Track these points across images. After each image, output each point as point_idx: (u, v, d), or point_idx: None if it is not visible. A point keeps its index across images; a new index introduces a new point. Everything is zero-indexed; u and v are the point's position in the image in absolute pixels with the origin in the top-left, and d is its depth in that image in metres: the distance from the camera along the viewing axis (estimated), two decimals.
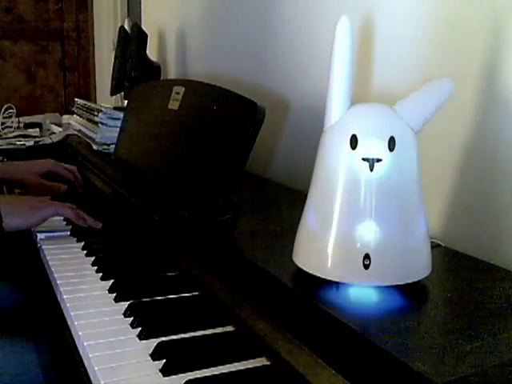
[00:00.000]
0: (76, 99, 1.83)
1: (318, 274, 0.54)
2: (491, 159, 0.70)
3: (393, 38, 0.85)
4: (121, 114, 1.36)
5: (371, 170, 0.52)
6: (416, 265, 0.54)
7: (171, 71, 1.89)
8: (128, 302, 0.68)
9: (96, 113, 1.49)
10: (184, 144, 0.95)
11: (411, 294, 0.53)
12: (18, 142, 1.78)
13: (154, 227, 0.89)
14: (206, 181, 0.84)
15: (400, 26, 0.84)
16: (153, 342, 0.59)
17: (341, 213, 0.53)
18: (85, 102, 1.70)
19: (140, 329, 0.62)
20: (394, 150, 0.52)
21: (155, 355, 0.56)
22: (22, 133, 1.95)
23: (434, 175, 0.76)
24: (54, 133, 2.00)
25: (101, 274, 0.78)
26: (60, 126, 2.11)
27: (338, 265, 0.53)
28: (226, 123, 0.84)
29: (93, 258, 0.84)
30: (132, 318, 0.64)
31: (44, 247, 0.89)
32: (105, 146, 1.42)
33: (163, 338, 0.60)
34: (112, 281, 0.74)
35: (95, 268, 0.80)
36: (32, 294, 0.96)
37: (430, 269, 0.56)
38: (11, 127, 2.01)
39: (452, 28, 0.75)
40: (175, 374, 0.54)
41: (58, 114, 2.44)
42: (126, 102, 1.43)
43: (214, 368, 0.55)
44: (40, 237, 0.94)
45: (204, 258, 0.74)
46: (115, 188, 1.12)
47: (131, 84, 1.65)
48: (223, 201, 0.78)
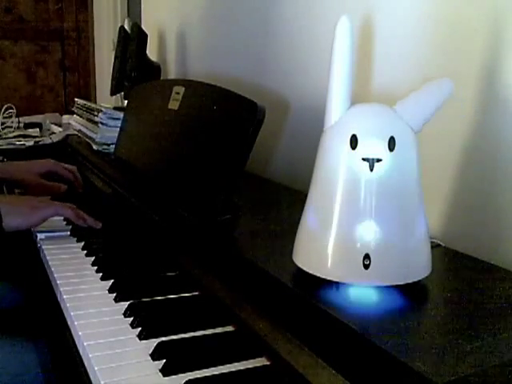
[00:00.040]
0: (76, 99, 1.84)
1: (318, 274, 0.54)
2: (491, 159, 0.70)
3: (393, 37, 0.85)
4: (121, 114, 1.36)
5: (371, 170, 0.52)
6: (416, 265, 0.54)
7: (171, 71, 1.89)
8: (128, 302, 0.68)
9: (96, 113, 1.49)
10: (184, 144, 0.95)
11: (411, 293, 0.53)
12: (18, 142, 1.78)
13: (154, 227, 0.89)
14: (205, 181, 0.84)
15: (400, 26, 0.84)
16: (153, 342, 0.59)
17: (341, 213, 0.53)
18: (85, 102, 1.70)
19: (140, 329, 0.62)
20: (394, 150, 0.52)
21: (155, 355, 0.56)
22: (22, 133, 1.95)
23: (434, 175, 0.76)
24: (54, 133, 2.00)
25: (101, 274, 0.78)
26: (60, 126, 2.11)
27: (338, 265, 0.53)
28: (226, 123, 0.84)
29: (93, 258, 0.84)
30: (132, 318, 0.64)
31: (44, 247, 0.89)
32: (105, 146, 1.42)
33: (163, 338, 0.60)
34: (112, 281, 0.75)
35: (95, 268, 0.80)
36: (32, 294, 0.96)
37: (429, 269, 0.56)
38: (11, 127, 2.01)
39: (452, 28, 0.75)
40: (175, 374, 0.54)
41: (58, 114, 2.44)
42: (126, 102, 1.43)
43: (213, 368, 0.55)
44: (40, 237, 0.94)
45: (204, 258, 0.74)
46: (115, 188, 1.12)
47: (131, 84, 1.65)
48: (223, 201, 0.79)
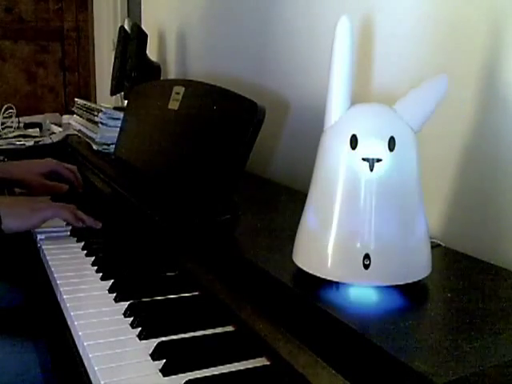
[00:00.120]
0: (76, 99, 1.84)
1: (318, 274, 0.54)
2: (491, 159, 0.70)
3: (393, 37, 0.85)
4: (121, 114, 1.37)
5: (371, 170, 0.52)
6: (416, 265, 0.54)
7: (171, 71, 1.89)
8: (128, 302, 0.68)
9: (96, 113, 1.49)
10: (184, 144, 0.95)
11: (411, 294, 0.53)
12: (18, 142, 1.78)
13: (154, 227, 0.89)
14: (205, 181, 0.84)
15: (400, 26, 0.84)
16: (153, 342, 0.59)
17: (341, 213, 0.53)
18: (85, 102, 1.70)
19: (140, 329, 0.62)
20: (394, 150, 0.52)
21: (155, 355, 0.56)
22: (22, 133, 1.95)
23: (434, 175, 0.76)
24: (54, 133, 2.00)
25: (101, 274, 0.78)
26: (60, 126, 2.11)
27: (338, 265, 0.53)
28: (226, 123, 0.84)
29: (93, 258, 0.84)
30: (132, 318, 0.64)
31: (44, 247, 0.89)
32: (105, 146, 1.42)
33: (163, 338, 0.60)
34: (112, 281, 0.74)
35: (95, 268, 0.80)
36: (32, 293, 0.96)
37: (429, 269, 0.56)
38: (11, 127, 2.01)
39: (452, 28, 0.75)
40: (175, 374, 0.54)
41: (58, 114, 2.45)
42: (126, 101, 1.43)
43: (213, 368, 0.55)
44: (40, 237, 0.94)
45: (204, 258, 0.74)
46: (115, 188, 1.12)
47: (131, 84, 1.65)
48: (223, 201, 0.79)
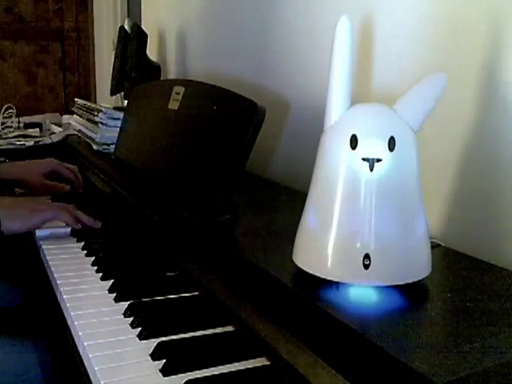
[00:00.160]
0: (76, 99, 1.84)
1: (318, 274, 0.54)
2: (491, 159, 0.70)
3: (393, 37, 0.85)
4: (121, 114, 1.36)
5: (371, 170, 0.52)
6: (416, 265, 0.54)
7: (171, 71, 1.89)
8: (128, 302, 0.68)
9: (96, 113, 1.49)
10: (184, 144, 0.95)
11: (411, 293, 0.53)
12: (18, 142, 1.78)
13: (154, 227, 0.89)
14: (206, 181, 0.84)
15: (400, 26, 0.84)
16: (153, 342, 0.59)
17: (341, 213, 0.53)
18: (85, 102, 1.70)
19: (140, 329, 0.62)
20: (394, 150, 0.52)
21: (155, 355, 0.56)
22: (22, 133, 1.95)
23: (434, 175, 0.76)
24: (54, 133, 2.00)
25: (101, 274, 0.78)
26: (60, 126, 2.11)
27: (338, 265, 0.53)
28: (226, 123, 0.84)
29: (93, 258, 0.84)
30: (132, 318, 0.64)
31: (44, 247, 0.89)
32: (105, 146, 1.42)
33: (163, 338, 0.60)
34: (112, 281, 0.74)
35: (95, 268, 0.80)
36: (32, 293, 0.96)
37: (429, 269, 0.56)
38: (11, 127, 2.01)
39: (452, 28, 0.75)
40: (175, 374, 0.54)
41: (58, 114, 2.45)
42: (126, 101, 1.43)
43: (213, 368, 0.55)
44: (40, 237, 0.94)
45: (204, 258, 0.74)
46: (115, 188, 1.12)
47: (131, 84, 1.65)
48: (223, 201, 0.79)
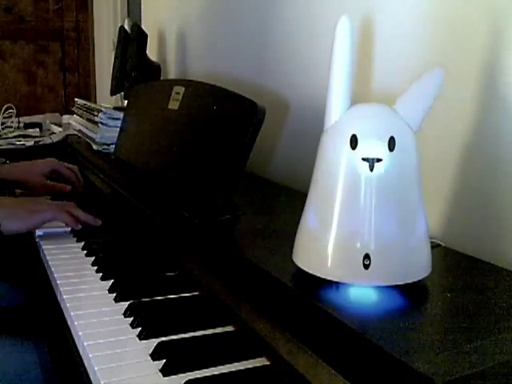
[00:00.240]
0: (76, 99, 1.84)
1: (318, 274, 0.54)
2: (491, 159, 0.70)
3: (393, 37, 0.85)
4: (121, 114, 1.36)
5: (371, 170, 0.52)
6: (416, 265, 0.54)
7: (171, 71, 1.89)
8: (128, 302, 0.68)
9: (96, 113, 1.49)
10: (184, 144, 0.95)
11: (411, 293, 0.53)
12: (18, 142, 1.78)
13: (154, 227, 0.89)
14: (206, 181, 0.84)
15: (400, 26, 0.84)
16: (153, 342, 0.59)
17: (341, 213, 0.53)
18: (85, 102, 1.70)
19: (140, 329, 0.62)
20: (394, 150, 0.52)
21: (155, 355, 0.56)
22: (22, 133, 1.95)
23: (434, 175, 0.76)
24: (54, 133, 2.00)
25: (101, 274, 0.78)
26: (60, 126, 2.11)
27: (338, 265, 0.53)
28: (225, 123, 0.84)
29: (93, 258, 0.84)
30: (132, 318, 0.64)
31: (44, 247, 0.89)
32: (105, 146, 1.42)
33: (163, 338, 0.60)
34: (112, 281, 0.74)
35: (95, 268, 0.80)
36: (32, 293, 0.96)
37: (430, 269, 0.56)
38: (11, 127, 2.01)
39: (452, 27, 0.75)
40: (175, 374, 0.54)
41: (58, 114, 2.45)
42: (126, 102, 1.43)
43: (213, 368, 0.55)
44: (40, 237, 0.94)
45: (204, 258, 0.74)
46: (115, 188, 1.12)
47: (131, 84, 1.65)
48: (223, 201, 0.79)
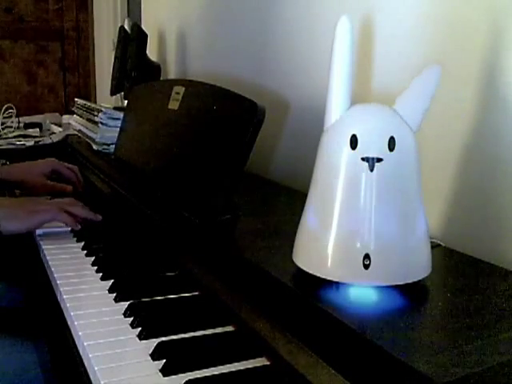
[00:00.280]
0: (76, 99, 1.84)
1: (318, 274, 0.54)
2: (491, 159, 0.70)
3: (393, 37, 0.85)
4: (121, 114, 1.36)
5: (371, 170, 0.52)
6: (416, 265, 0.54)
7: (171, 71, 1.89)
8: (128, 302, 0.68)
9: (96, 113, 1.49)
10: (184, 144, 0.95)
11: (411, 294, 0.53)
12: (18, 142, 1.78)
13: (154, 227, 0.89)
14: (206, 181, 0.84)
15: (400, 26, 0.84)
16: (153, 342, 0.59)
17: (341, 213, 0.53)
18: (85, 102, 1.70)
19: (140, 329, 0.62)
20: (394, 150, 0.52)
21: (155, 355, 0.56)
22: (22, 133, 1.95)
23: (433, 175, 0.76)
24: (54, 133, 2.00)
25: (101, 274, 0.78)
26: (60, 126, 2.11)
27: (338, 265, 0.53)
28: (226, 123, 0.84)
29: (93, 258, 0.84)
30: (132, 318, 0.64)
31: (44, 247, 0.89)
32: (105, 146, 1.42)
33: (163, 338, 0.60)
34: (112, 281, 0.74)
35: (95, 268, 0.80)
36: (32, 293, 0.96)
37: (430, 269, 0.56)
38: (11, 127, 2.01)
39: (452, 27, 0.75)
40: (175, 374, 0.54)
41: (57, 114, 2.44)
42: (126, 102, 1.43)
43: (213, 368, 0.55)
44: (40, 237, 0.94)
45: (204, 258, 0.74)
46: (115, 188, 1.12)
47: (131, 84, 1.65)
48: (223, 201, 0.79)
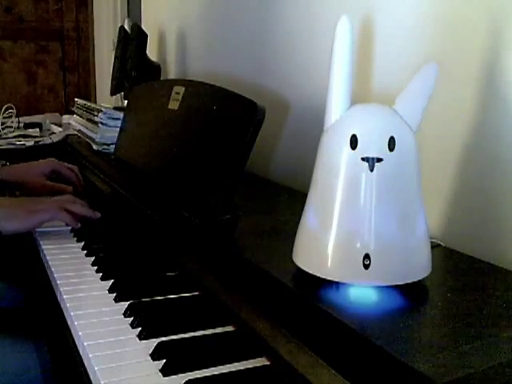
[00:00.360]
0: (76, 99, 1.83)
1: (318, 274, 0.54)
2: (491, 159, 0.70)
3: (393, 37, 0.85)
4: (121, 114, 1.36)
5: (371, 170, 0.52)
6: (416, 265, 0.54)
7: (171, 71, 1.89)
8: (128, 302, 0.68)
9: (96, 113, 1.49)
10: (184, 144, 0.95)
11: (411, 294, 0.53)
12: (18, 142, 1.78)
13: (154, 227, 0.89)
14: (206, 181, 0.84)
15: (400, 26, 0.84)
16: (153, 342, 0.59)
17: (341, 213, 0.53)
18: (85, 102, 1.70)
19: (140, 329, 0.62)
20: (394, 150, 0.52)
21: (155, 355, 0.56)
22: (22, 133, 1.95)
23: (433, 175, 0.76)
24: (54, 133, 2.00)
25: (101, 274, 0.78)
26: (60, 126, 2.11)
27: (338, 265, 0.53)
28: (225, 123, 0.84)
29: (93, 258, 0.84)
30: (132, 318, 0.64)
31: (44, 247, 0.89)
32: (105, 146, 1.42)
33: (163, 338, 0.60)
34: (112, 281, 0.75)
35: (95, 268, 0.80)
36: (32, 293, 0.96)
37: (430, 269, 0.56)
38: (11, 127, 2.01)
39: (452, 27, 0.75)
40: (175, 374, 0.54)
41: (57, 114, 2.44)
42: (126, 102, 1.43)
43: (213, 368, 0.55)
44: (40, 236, 0.94)
45: (204, 258, 0.74)
46: (115, 188, 1.12)
47: (131, 84, 1.65)
48: (223, 201, 0.79)
